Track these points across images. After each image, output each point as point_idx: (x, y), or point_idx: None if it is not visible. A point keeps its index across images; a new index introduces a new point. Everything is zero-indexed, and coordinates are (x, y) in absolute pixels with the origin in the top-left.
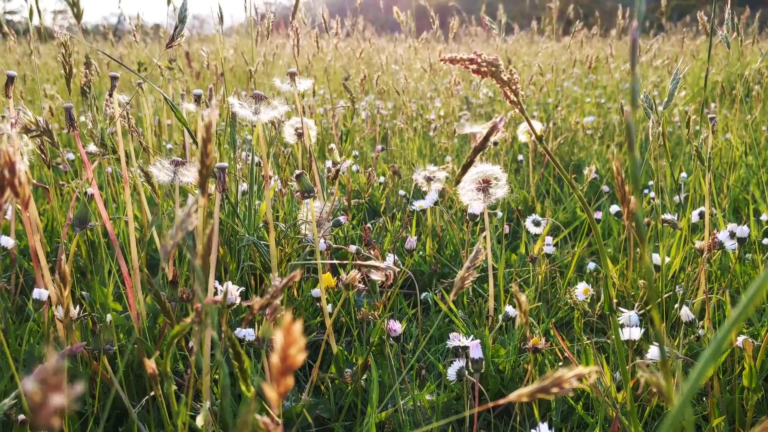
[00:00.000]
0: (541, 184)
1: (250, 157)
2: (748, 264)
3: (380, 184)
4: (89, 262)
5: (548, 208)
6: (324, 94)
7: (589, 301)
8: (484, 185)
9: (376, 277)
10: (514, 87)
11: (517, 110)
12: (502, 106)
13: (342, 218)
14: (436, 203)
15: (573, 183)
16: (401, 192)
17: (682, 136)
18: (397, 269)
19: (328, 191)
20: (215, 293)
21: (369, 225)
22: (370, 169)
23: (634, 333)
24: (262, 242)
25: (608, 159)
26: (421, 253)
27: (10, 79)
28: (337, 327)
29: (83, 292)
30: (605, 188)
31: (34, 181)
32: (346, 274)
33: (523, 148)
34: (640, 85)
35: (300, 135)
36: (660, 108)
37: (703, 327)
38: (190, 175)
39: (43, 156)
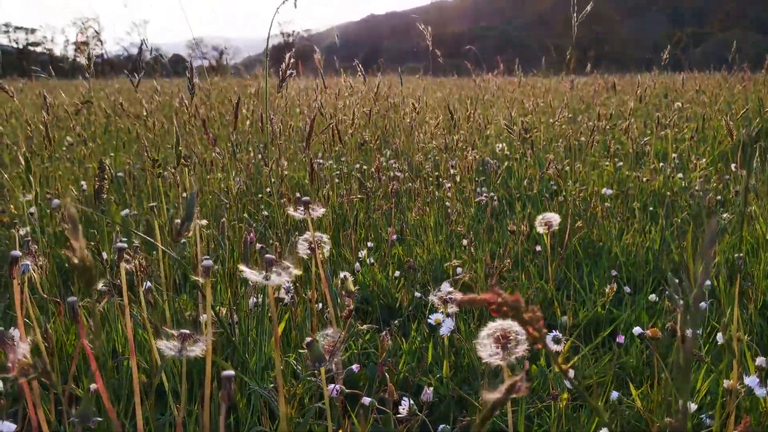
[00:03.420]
0: (559, 270)
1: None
2: None
3: (395, 278)
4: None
5: (569, 311)
6: (339, 152)
7: None
8: (504, 341)
9: None
10: (536, 325)
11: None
12: (518, 166)
13: (354, 367)
14: (452, 332)
15: None
16: (417, 294)
17: (701, 207)
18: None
19: (342, 319)
20: None
21: (382, 361)
22: (384, 333)
23: None
24: (270, 390)
25: (629, 243)
26: (438, 374)
27: (14, 260)
28: None
29: None
30: (627, 289)
31: (45, 295)
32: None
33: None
34: (660, 149)
35: (313, 250)
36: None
37: None
38: (197, 349)
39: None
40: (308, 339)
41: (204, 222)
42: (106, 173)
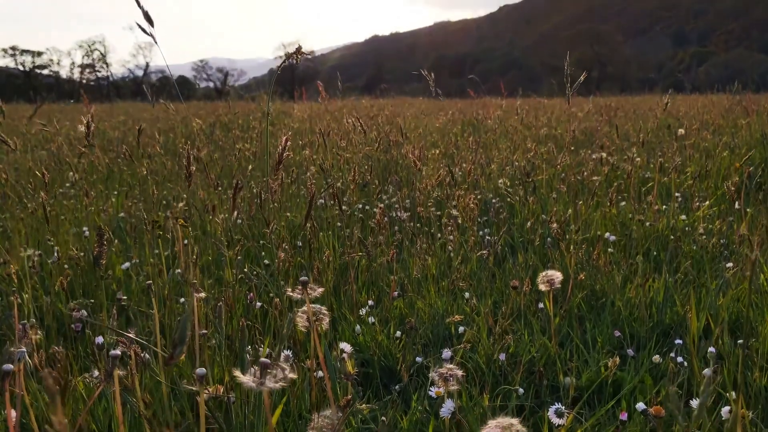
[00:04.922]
0: (563, 324)
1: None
2: None
3: (397, 339)
4: None
5: (572, 373)
6: (341, 186)
7: None
8: None
9: None
10: None
11: None
12: (521, 211)
13: None
14: (453, 413)
15: None
16: (418, 358)
17: (705, 251)
18: None
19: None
20: None
21: None
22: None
23: None
24: None
25: (632, 297)
26: None
27: (6, 374)
28: None
29: None
30: (630, 352)
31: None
32: None
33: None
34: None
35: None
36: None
37: None
38: None
39: None
40: None
41: (203, 295)
42: (104, 239)
